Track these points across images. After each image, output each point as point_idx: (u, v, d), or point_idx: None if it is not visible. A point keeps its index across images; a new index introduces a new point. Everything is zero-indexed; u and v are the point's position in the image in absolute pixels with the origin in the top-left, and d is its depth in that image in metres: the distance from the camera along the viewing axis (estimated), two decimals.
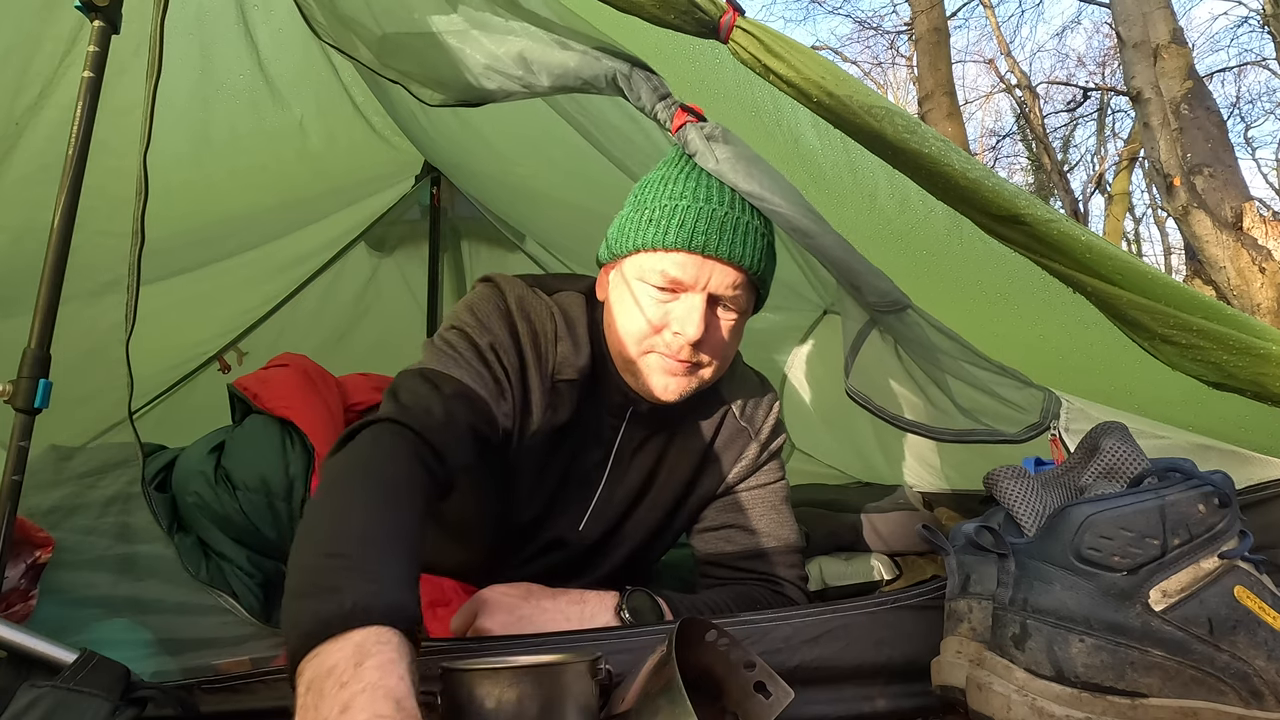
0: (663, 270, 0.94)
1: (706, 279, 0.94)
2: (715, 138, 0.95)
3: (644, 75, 0.97)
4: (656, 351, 0.97)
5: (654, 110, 0.97)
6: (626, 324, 0.98)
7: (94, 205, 0.94)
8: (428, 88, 1.13)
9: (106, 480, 1.02)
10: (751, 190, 0.94)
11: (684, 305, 0.95)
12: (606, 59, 0.97)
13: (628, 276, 0.99)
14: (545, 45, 0.99)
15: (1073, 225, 0.82)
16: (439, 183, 2.62)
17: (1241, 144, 12.30)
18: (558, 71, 0.99)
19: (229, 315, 2.32)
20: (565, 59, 0.98)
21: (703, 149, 0.95)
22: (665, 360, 0.97)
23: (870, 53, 15.85)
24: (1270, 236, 4.12)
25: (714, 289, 0.95)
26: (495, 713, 0.61)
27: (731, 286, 0.95)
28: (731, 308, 0.98)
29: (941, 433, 1.11)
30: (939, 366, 1.09)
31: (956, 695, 0.71)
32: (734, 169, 0.94)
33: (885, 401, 1.16)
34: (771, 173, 0.97)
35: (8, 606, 0.86)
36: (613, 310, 1.01)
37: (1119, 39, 4.96)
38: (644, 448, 1.11)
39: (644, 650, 0.82)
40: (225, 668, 0.85)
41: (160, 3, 1.04)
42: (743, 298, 0.98)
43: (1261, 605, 0.67)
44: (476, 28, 1.03)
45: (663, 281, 0.95)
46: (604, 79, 0.97)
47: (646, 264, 0.96)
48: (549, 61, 0.99)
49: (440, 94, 1.12)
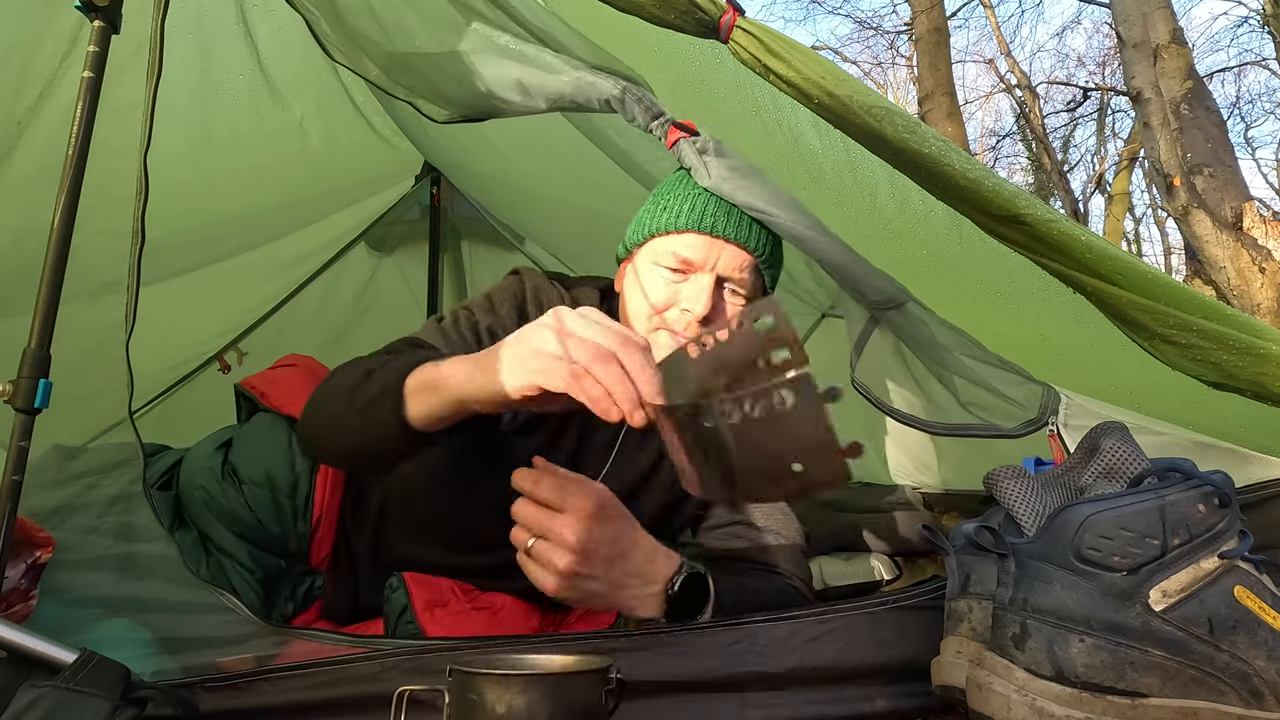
0: (674, 251, 1.01)
1: (715, 259, 1.00)
2: (709, 151, 0.98)
3: (636, 96, 0.99)
4: (665, 329, 1.01)
5: (649, 128, 1.00)
6: (638, 304, 1.04)
7: (94, 205, 0.94)
8: (434, 104, 1.17)
9: (109, 480, 1.02)
10: (748, 204, 0.97)
11: (693, 285, 1.01)
12: (600, 82, 0.99)
13: (642, 262, 1.05)
14: (540, 72, 1.03)
15: (1073, 225, 0.82)
16: (439, 183, 2.62)
17: (1241, 144, 12.31)
18: (553, 97, 1.03)
19: (229, 315, 2.32)
20: (560, 86, 1.01)
21: (697, 164, 0.98)
22: (673, 339, 1.01)
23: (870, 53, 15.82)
24: (1270, 236, 4.13)
25: (722, 270, 1.01)
26: (504, 717, 0.61)
27: (739, 269, 1.01)
28: (739, 291, 1.03)
29: (938, 426, 1.11)
30: (940, 361, 1.09)
31: (956, 695, 0.71)
32: (729, 183, 0.97)
33: (885, 396, 1.16)
34: (767, 183, 0.99)
35: (8, 606, 0.86)
36: (626, 295, 1.07)
37: (1119, 39, 4.96)
38: (651, 432, 1.12)
39: (646, 651, 0.82)
40: (228, 666, 0.85)
41: (160, 3, 1.04)
42: (750, 282, 1.03)
43: (1261, 605, 0.67)
44: (475, 53, 1.06)
45: (674, 262, 1.01)
46: (597, 102, 1.01)
47: (660, 247, 1.03)
48: (545, 89, 1.03)
49: (447, 110, 1.17)
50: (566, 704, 0.63)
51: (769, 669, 0.81)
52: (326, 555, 1.20)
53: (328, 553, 1.20)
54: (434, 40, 1.09)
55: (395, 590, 1.02)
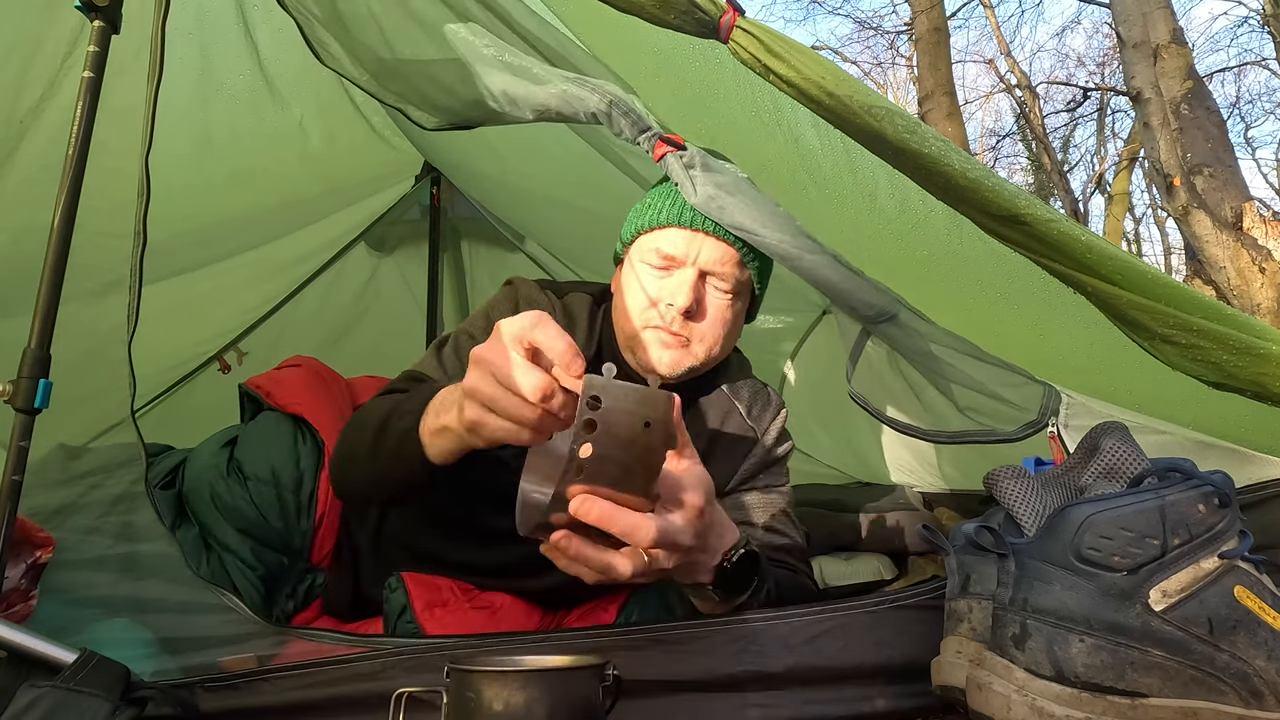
0: (657, 248, 1.03)
1: (696, 253, 1.02)
2: (695, 166, 0.99)
3: (623, 110, 1.00)
4: (652, 326, 1.03)
5: (636, 141, 1.01)
6: (627, 301, 1.06)
7: (94, 206, 0.94)
8: (424, 111, 1.18)
9: (112, 480, 1.03)
10: (735, 223, 0.98)
11: (676, 279, 1.03)
12: (587, 95, 1.00)
13: (631, 261, 1.08)
14: (526, 83, 1.04)
15: (1073, 225, 0.82)
16: (439, 183, 2.62)
17: (1241, 144, 12.30)
18: (539, 108, 1.04)
19: (229, 315, 2.32)
20: (546, 99, 1.02)
21: (684, 180, 0.99)
22: (660, 334, 1.03)
23: (870, 53, 15.83)
24: (1270, 236, 4.12)
25: (704, 264, 1.03)
26: (502, 715, 0.61)
27: (721, 263, 1.03)
28: (723, 286, 1.04)
29: (937, 435, 1.11)
30: (935, 369, 1.09)
31: (956, 695, 0.71)
32: (716, 201, 0.98)
33: (883, 406, 1.17)
34: (756, 199, 0.99)
35: (8, 606, 0.86)
36: (618, 294, 1.10)
37: (1119, 39, 4.96)
38: None
39: (646, 650, 0.82)
40: (230, 665, 0.85)
41: (161, 4, 1.04)
42: (733, 276, 1.04)
43: (1261, 605, 0.67)
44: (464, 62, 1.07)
45: (658, 259, 1.03)
46: (583, 115, 1.02)
47: (645, 244, 1.05)
48: (531, 99, 1.04)
49: (436, 118, 1.18)
50: (564, 700, 0.63)
51: (768, 668, 0.82)
52: (328, 552, 1.20)
53: (329, 549, 1.20)
54: (425, 47, 1.10)
55: (394, 590, 1.02)
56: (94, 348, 1.20)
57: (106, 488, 1.02)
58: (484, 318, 1.13)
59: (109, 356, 1.07)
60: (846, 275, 1.03)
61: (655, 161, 1.01)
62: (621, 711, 0.69)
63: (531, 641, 0.84)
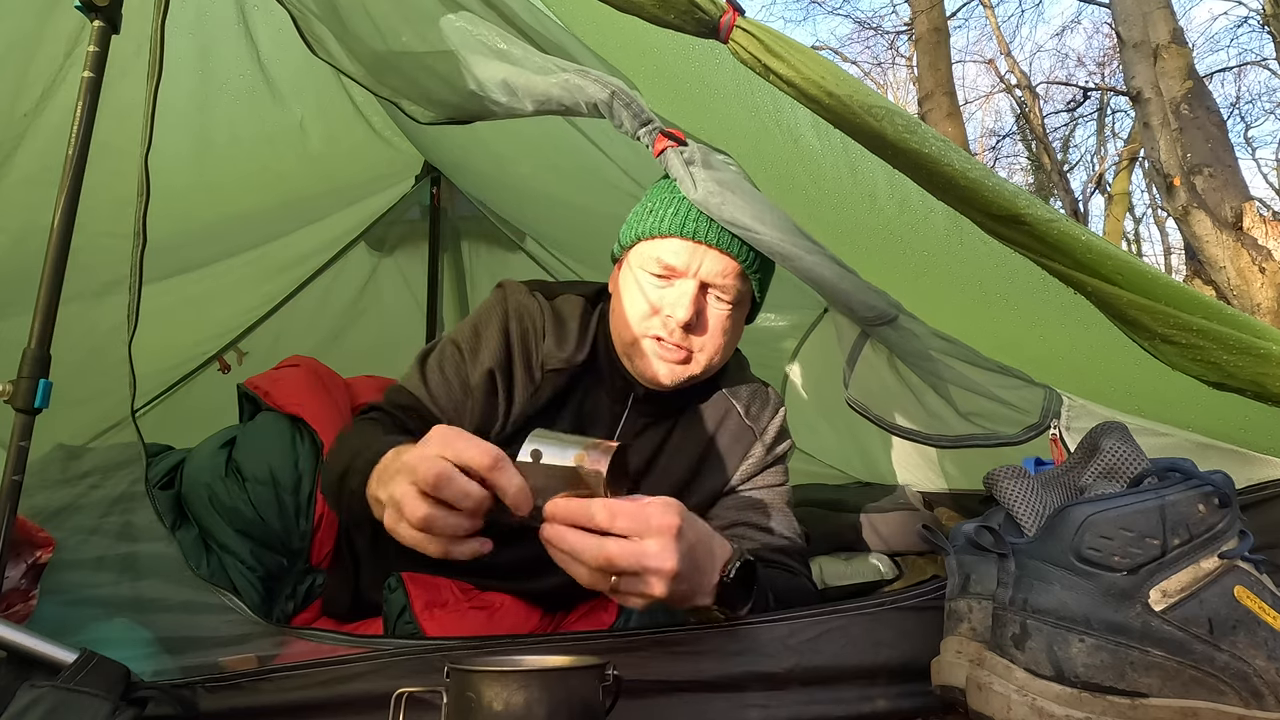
0: (658, 257, 1.02)
1: (698, 265, 1.01)
2: (696, 162, 0.98)
3: (625, 102, 0.99)
4: (651, 336, 1.03)
5: (636, 134, 1.01)
6: (626, 309, 1.05)
7: (95, 206, 0.94)
8: (419, 105, 1.17)
9: (112, 480, 1.03)
10: (734, 220, 0.98)
11: (677, 290, 1.02)
12: (589, 86, 0.99)
13: (631, 266, 1.06)
14: (527, 73, 1.02)
15: (1073, 225, 0.82)
16: (439, 183, 2.62)
17: (1241, 144, 12.30)
18: (540, 99, 1.03)
19: (229, 315, 2.32)
20: (548, 88, 1.01)
21: (683, 175, 0.98)
22: (659, 345, 1.02)
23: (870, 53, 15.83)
24: (1270, 236, 4.12)
25: (705, 276, 1.02)
26: (502, 714, 0.61)
27: (722, 275, 1.02)
28: (724, 298, 1.03)
29: (939, 439, 1.11)
30: (935, 373, 1.09)
31: (956, 695, 0.71)
32: (716, 198, 0.97)
33: (883, 410, 1.16)
34: (755, 197, 0.99)
35: (8, 606, 0.86)
36: (617, 299, 1.08)
37: (1119, 39, 4.96)
38: (645, 433, 1.14)
39: (646, 651, 0.82)
40: (230, 665, 0.85)
41: (160, 4, 1.04)
42: (734, 288, 1.03)
43: (1261, 605, 0.67)
44: (462, 52, 1.06)
45: (658, 268, 1.02)
46: (585, 106, 1.01)
47: (646, 252, 1.03)
48: (532, 89, 1.02)
49: (432, 112, 1.17)
50: (564, 700, 0.63)
51: (768, 669, 0.81)
52: (328, 553, 1.20)
53: (329, 550, 1.20)
54: (422, 38, 1.08)
55: (394, 590, 1.02)
56: (94, 348, 1.20)
57: (106, 488, 1.02)
58: (471, 327, 1.11)
59: (109, 356, 1.07)
60: (845, 276, 1.02)
61: (655, 156, 1.00)
62: (621, 711, 0.69)
63: (531, 643, 0.84)
